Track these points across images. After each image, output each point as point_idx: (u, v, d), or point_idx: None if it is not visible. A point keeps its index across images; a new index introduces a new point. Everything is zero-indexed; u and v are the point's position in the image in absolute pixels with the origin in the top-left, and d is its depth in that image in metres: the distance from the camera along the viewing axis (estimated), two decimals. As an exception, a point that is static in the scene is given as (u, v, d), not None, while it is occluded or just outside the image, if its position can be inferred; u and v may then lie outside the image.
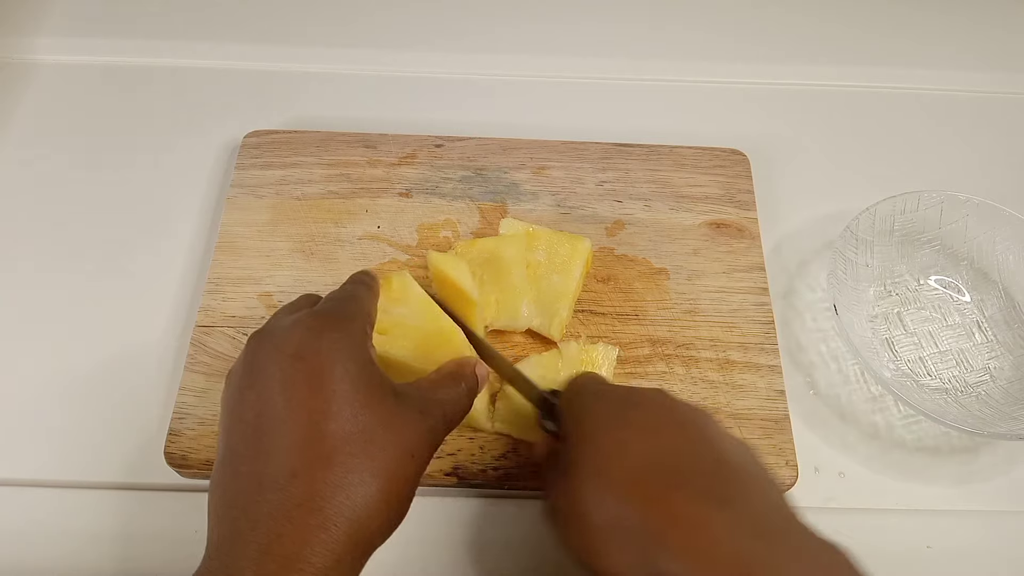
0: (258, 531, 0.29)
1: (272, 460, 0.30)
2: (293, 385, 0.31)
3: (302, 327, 0.33)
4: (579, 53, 0.67)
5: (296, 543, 0.29)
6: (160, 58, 0.65)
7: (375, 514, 0.31)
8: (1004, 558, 0.46)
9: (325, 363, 0.32)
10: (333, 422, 0.31)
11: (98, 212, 0.56)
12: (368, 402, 0.32)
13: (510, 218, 0.51)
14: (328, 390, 0.31)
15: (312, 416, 0.31)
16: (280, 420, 0.31)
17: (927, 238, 0.54)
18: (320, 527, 0.29)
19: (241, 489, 0.31)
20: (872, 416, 0.49)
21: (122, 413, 0.48)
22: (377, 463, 0.31)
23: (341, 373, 0.32)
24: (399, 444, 0.32)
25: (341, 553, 0.29)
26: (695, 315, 0.50)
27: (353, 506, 0.30)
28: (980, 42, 0.69)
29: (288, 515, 0.29)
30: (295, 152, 0.56)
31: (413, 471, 0.33)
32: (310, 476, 0.30)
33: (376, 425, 0.32)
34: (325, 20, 0.68)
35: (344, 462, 0.30)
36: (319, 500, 0.30)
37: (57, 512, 0.45)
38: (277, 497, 0.30)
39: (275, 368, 0.32)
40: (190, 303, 0.52)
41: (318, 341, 0.32)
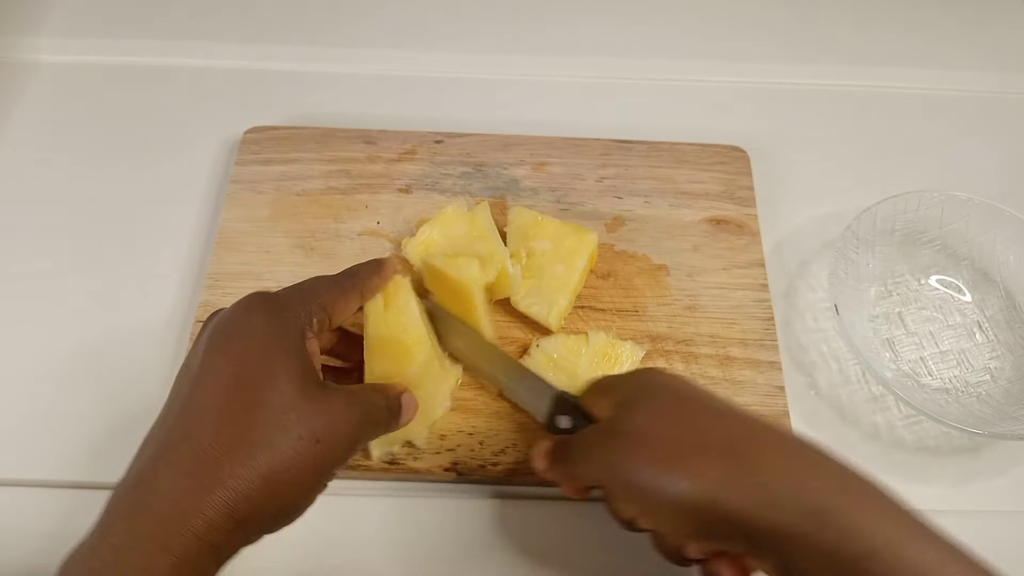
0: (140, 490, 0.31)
1: (177, 424, 0.32)
2: (215, 358, 0.33)
3: (239, 306, 0.35)
4: (580, 52, 0.67)
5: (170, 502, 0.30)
6: (160, 57, 0.65)
7: (260, 491, 0.31)
8: (1004, 558, 0.45)
9: (249, 340, 0.33)
10: (244, 394, 0.32)
11: (98, 209, 0.56)
12: (288, 383, 0.33)
13: (520, 206, 0.51)
14: (247, 366, 0.33)
15: (223, 386, 0.32)
16: (195, 388, 0.33)
17: (928, 238, 0.54)
18: (201, 489, 0.30)
19: (147, 449, 0.32)
20: (873, 416, 0.49)
21: (121, 408, 0.48)
22: (276, 440, 0.31)
23: (264, 354, 0.33)
24: (306, 426, 0.32)
25: (215, 520, 0.30)
26: (695, 311, 0.50)
27: (236, 476, 0.30)
28: (980, 42, 0.69)
29: (170, 477, 0.30)
30: (295, 148, 0.56)
31: (316, 457, 0.33)
32: (201, 440, 0.31)
33: (291, 406, 0.32)
34: (325, 19, 0.68)
35: (246, 436, 0.31)
36: (205, 464, 0.30)
37: (56, 512, 0.45)
38: (171, 458, 0.31)
39: (207, 343, 0.34)
40: (190, 298, 0.52)
41: (248, 318, 0.34)
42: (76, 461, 0.46)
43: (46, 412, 0.48)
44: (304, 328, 0.35)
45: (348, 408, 0.34)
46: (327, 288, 0.38)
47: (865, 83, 0.66)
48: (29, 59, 0.65)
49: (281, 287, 0.51)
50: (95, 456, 0.46)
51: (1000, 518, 0.46)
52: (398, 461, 0.44)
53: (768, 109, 0.64)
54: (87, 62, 0.65)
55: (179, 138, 0.60)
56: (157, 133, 0.60)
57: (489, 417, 0.46)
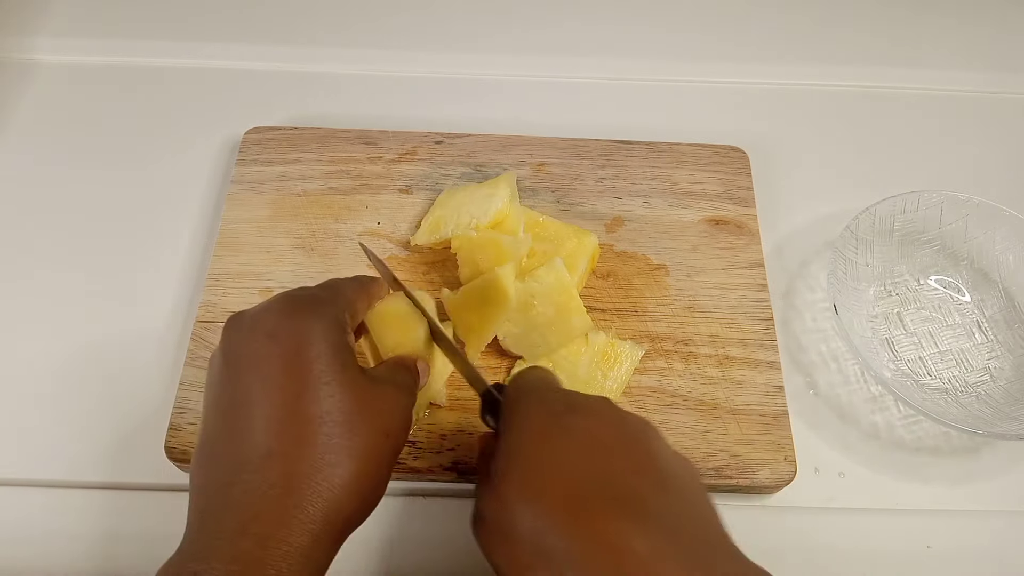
0: (234, 511, 0.29)
1: (248, 441, 0.31)
2: (267, 365, 0.32)
3: (275, 308, 0.33)
4: (580, 52, 0.67)
5: (271, 523, 0.29)
6: (160, 58, 0.65)
7: (351, 495, 0.31)
8: (1004, 558, 0.45)
9: (299, 343, 0.32)
10: (308, 402, 0.31)
11: (98, 209, 0.56)
12: (342, 382, 0.32)
13: (521, 205, 0.51)
14: (302, 370, 0.31)
15: (286, 396, 0.31)
16: (254, 401, 0.31)
17: (927, 238, 0.54)
18: (296, 507, 0.29)
19: (218, 470, 0.31)
20: (872, 416, 0.49)
21: (122, 408, 0.48)
22: (353, 444, 0.31)
23: (315, 354, 0.32)
24: (374, 424, 0.32)
25: (318, 533, 0.30)
26: (694, 311, 0.50)
27: (330, 486, 0.30)
28: (980, 42, 0.69)
29: (264, 495, 0.29)
30: (296, 148, 0.57)
31: (388, 451, 0.33)
32: (285, 456, 0.30)
33: (351, 406, 0.32)
34: (326, 20, 0.68)
35: (320, 442, 0.31)
36: (295, 480, 0.30)
37: (56, 511, 0.45)
38: (253, 477, 0.30)
39: (249, 349, 0.32)
40: (191, 298, 0.52)
41: (291, 321, 0.33)
42: (77, 461, 0.46)
43: (47, 412, 0.48)
44: (342, 324, 0.34)
45: (397, 395, 0.35)
46: (349, 286, 0.37)
47: (865, 83, 0.66)
48: (29, 59, 0.65)
49: (282, 287, 0.51)
50: (96, 456, 0.46)
51: (1000, 518, 0.46)
52: (398, 461, 0.44)
53: (768, 109, 0.64)
54: (87, 62, 0.65)
55: (179, 138, 0.60)
56: (157, 133, 0.61)
57: (489, 417, 0.46)
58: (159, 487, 0.45)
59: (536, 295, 0.46)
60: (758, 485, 0.45)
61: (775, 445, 0.45)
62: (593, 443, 0.31)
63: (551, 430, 0.32)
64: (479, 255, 0.47)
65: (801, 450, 0.46)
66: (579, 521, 0.28)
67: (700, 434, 0.46)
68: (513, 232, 0.49)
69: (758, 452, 0.45)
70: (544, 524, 0.28)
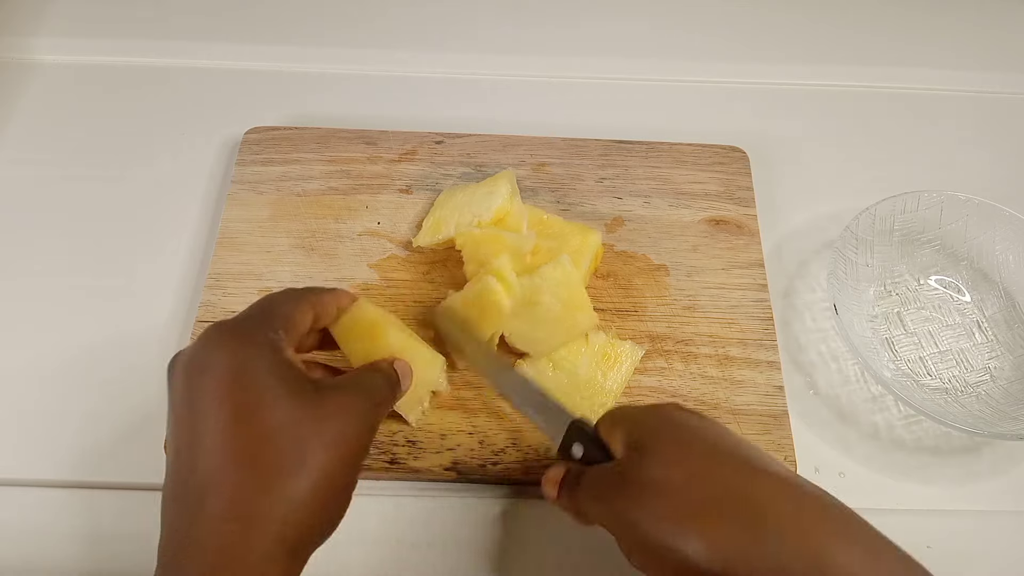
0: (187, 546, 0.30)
1: (201, 476, 0.30)
2: (202, 399, 0.31)
3: (204, 343, 0.33)
4: (580, 52, 0.67)
5: (219, 553, 0.29)
6: (160, 58, 0.65)
7: (302, 509, 0.31)
8: (1004, 558, 0.45)
9: (230, 372, 0.32)
10: (250, 426, 0.31)
11: (99, 209, 0.56)
12: (285, 398, 0.32)
13: (525, 203, 0.51)
14: (238, 397, 0.31)
15: (226, 426, 0.31)
16: (200, 436, 0.31)
17: (927, 238, 0.54)
18: (243, 531, 0.29)
19: (181, 510, 0.31)
20: (872, 416, 0.49)
21: (122, 408, 0.48)
22: (302, 458, 0.31)
23: (249, 379, 0.32)
24: (326, 434, 0.32)
25: (265, 551, 0.29)
26: (694, 311, 0.50)
27: (274, 504, 0.30)
28: (980, 42, 0.69)
29: (209, 528, 0.30)
30: (296, 148, 0.57)
31: (343, 461, 0.32)
32: (228, 484, 0.30)
33: (295, 419, 0.31)
34: (326, 20, 0.68)
35: (265, 461, 0.30)
36: (239, 506, 0.30)
37: (56, 511, 0.45)
38: (200, 511, 0.30)
39: (187, 389, 0.32)
40: (191, 298, 0.52)
41: (219, 352, 0.33)
42: (77, 461, 0.46)
43: (47, 412, 0.48)
44: (275, 342, 0.34)
45: (351, 400, 0.34)
46: (282, 301, 0.37)
47: (865, 83, 0.66)
48: (29, 59, 0.65)
49: (282, 287, 0.51)
50: (96, 456, 0.46)
51: (1000, 518, 0.46)
52: (398, 461, 0.44)
53: (768, 109, 0.64)
54: (87, 62, 0.65)
55: (179, 138, 0.60)
56: (157, 133, 0.61)
57: (489, 417, 0.46)
58: (159, 487, 0.45)
59: (542, 291, 0.46)
60: (758, 485, 0.45)
61: (775, 445, 0.45)
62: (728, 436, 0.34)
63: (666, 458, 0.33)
64: (483, 251, 0.47)
65: (801, 450, 0.46)
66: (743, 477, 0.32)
67: (700, 434, 0.46)
68: (516, 229, 0.49)
69: (758, 452, 0.45)
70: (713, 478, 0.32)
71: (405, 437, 0.45)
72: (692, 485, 0.31)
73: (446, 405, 0.46)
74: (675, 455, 0.33)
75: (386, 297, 0.50)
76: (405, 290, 0.50)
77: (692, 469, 0.32)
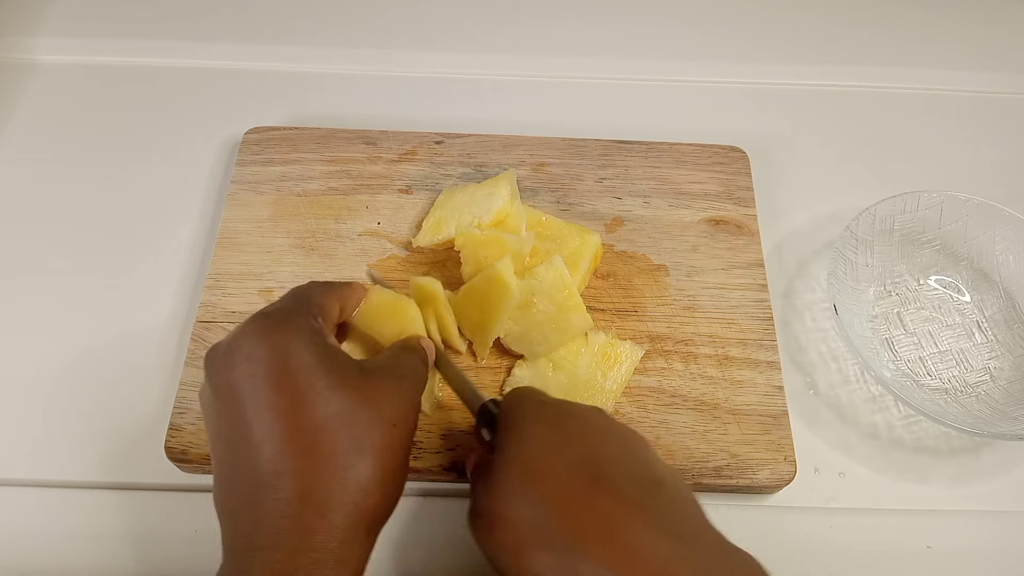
0: (261, 531, 0.30)
1: (257, 466, 0.31)
2: (254, 389, 0.32)
3: (247, 332, 0.33)
4: (580, 52, 0.67)
5: (297, 536, 0.30)
6: (160, 58, 0.65)
7: (371, 493, 0.31)
8: (1004, 558, 0.45)
9: (279, 360, 0.32)
10: (304, 414, 0.31)
11: (99, 209, 0.56)
12: (335, 385, 0.32)
13: (524, 204, 0.52)
14: (290, 385, 0.32)
15: (280, 414, 0.31)
16: (252, 426, 0.31)
17: (927, 238, 0.54)
18: (318, 516, 0.30)
19: (238, 494, 0.31)
20: (872, 416, 0.49)
21: (122, 408, 0.48)
22: (361, 442, 0.31)
23: (297, 366, 0.32)
24: (379, 417, 0.32)
25: (345, 536, 0.30)
26: (694, 311, 0.50)
27: (347, 489, 0.31)
28: (980, 42, 0.69)
29: (284, 512, 0.30)
30: (296, 148, 0.57)
31: (399, 441, 0.33)
32: (296, 472, 0.30)
33: (350, 405, 0.32)
34: (326, 20, 0.68)
35: (327, 449, 0.31)
36: (312, 492, 0.30)
37: (55, 511, 0.45)
38: (271, 496, 0.30)
39: (233, 379, 0.32)
40: (191, 298, 0.52)
41: (265, 340, 0.33)
42: (77, 461, 0.46)
43: (47, 412, 0.48)
44: (318, 329, 0.35)
45: (398, 382, 0.35)
46: (315, 290, 0.37)
47: (865, 83, 0.66)
48: (29, 59, 0.65)
49: (282, 287, 0.51)
50: (96, 456, 0.46)
51: (1000, 518, 0.46)
52: (398, 461, 0.44)
53: (767, 109, 0.64)
54: (87, 62, 0.65)
55: (179, 138, 0.60)
56: (157, 133, 0.61)
57: (489, 417, 0.46)
58: (159, 487, 0.45)
59: (536, 293, 0.46)
60: (758, 485, 0.45)
61: (775, 445, 0.45)
62: (585, 440, 0.33)
63: (547, 429, 0.34)
64: (482, 253, 0.47)
65: (801, 450, 0.46)
66: (576, 502, 0.30)
67: (700, 434, 0.46)
68: (515, 230, 0.49)
69: (758, 452, 0.45)
70: (543, 508, 0.30)
71: (405, 437, 0.45)
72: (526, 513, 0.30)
73: (446, 405, 0.46)
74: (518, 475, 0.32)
75: (386, 297, 0.50)
76: (405, 290, 0.50)
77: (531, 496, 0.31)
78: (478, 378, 0.47)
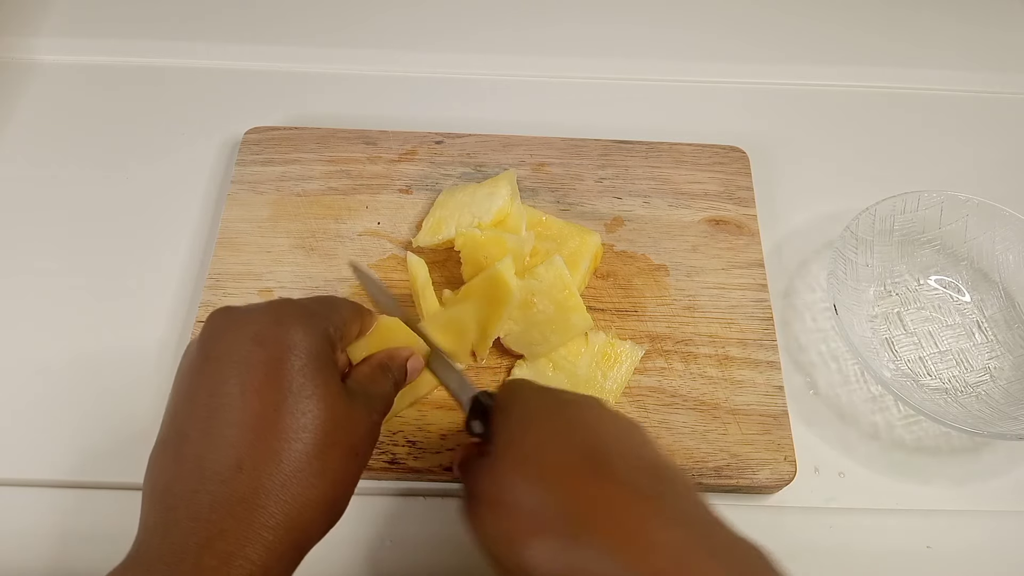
0: (198, 524, 0.28)
1: (219, 448, 0.30)
2: (249, 370, 0.31)
3: (265, 312, 0.33)
4: (580, 52, 0.67)
5: (237, 540, 0.28)
6: (161, 58, 0.65)
7: (317, 513, 0.31)
8: (1004, 558, 0.45)
9: (284, 352, 0.31)
10: (284, 415, 0.30)
11: (99, 209, 0.56)
12: (321, 397, 0.31)
13: (524, 204, 0.52)
14: (283, 381, 0.31)
15: (263, 407, 0.30)
16: (231, 405, 0.30)
17: (927, 238, 0.54)
18: (263, 526, 0.29)
19: (182, 474, 0.30)
20: (872, 416, 0.49)
21: (122, 408, 0.48)
22: (324, 463, 0.31)
23: (299, 366, 0.31)
24: (346, 443, 0.32)
25: (282, 551, 0.29)
26: (694, 311, 0.50)
27: (297, 505, 0.30)
28: (980, 42, 0.69)
29: (230, 510, 0.29)
30: (295, 148, 0.57)
31: (356, 469, 0.33)
32: (255, 470, 0.29)
33: (326, 424, 0.31)
34: (326, 19, 0.68)
35: (292, 458, 0.30)
36: (263, 496, 0.29)
37: (55, 511, 0.45)
38: (221, 489, 0.29)
39: (232, 349, 0.31)
40: (191, 298, 0.52)
41: (279, 328, 0.32)
42: (77, 461, 0.46)
43: (47, 412, 0.48)
44: (333, 341, 0.34)
45: (367, 411, 0.34)
46: (346, 306, 0.37)
47: (865, 83, 0.66)
48: (29, 59, 0.65)
49: (282, 287, 0.51)
50: (96, 456, 0.46)
51: (1000, 518, 0.46)
52: (398, 461, 0.44)
53: (768, 109, 0.64)
54: (87, 62, 0.65)
55: (179, 138, 0.60)
56: (157, 133, 0.61)
57: (489, 417, 0.46)
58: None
59: (536, 292, 0.46)
60: (758, 485, 0.45)
61: (775, 445, 0.45)
62: (585, 426, 0.32)
63: (546, 416, 0.32)
64: (482, 253, 0.47)
65: (801, 450, 0.46)
66: (578, 486, 0.29)
67: (700, 434, 0.46)
68: (515, 230, 0.49)
69: (758, 452, 0.45)
70: (545, 493, 0.29)
71: (405, 437, 0.45)
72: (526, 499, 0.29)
73: (446, 405, 0.46)
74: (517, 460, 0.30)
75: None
76: (405, 290, 0.50)
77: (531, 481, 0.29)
78: (478, 378, 0.47)
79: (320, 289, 0.50)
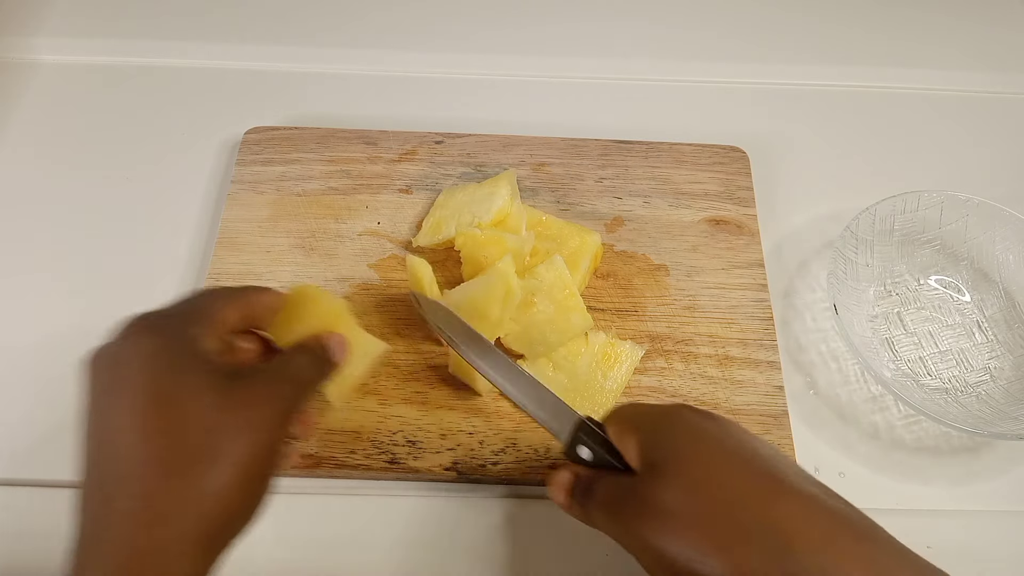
0: (115, 544, 0.29)
1: (112, 468, 0.30)
2: (115, 398, 0.31)
3: (118, 335, 0.33)
4: (580, 52, 0.67)
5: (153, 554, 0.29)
6: (160, 58, 0.65)
7: (232, 506, 0.30)
8: (1004, 558, 0.45)
9: (140, 363, 0.31)
10: (160, 418, 0.30)
11: (99, 209, 0.56)
12: (194, 390, 0.31)
13: (524, 204, 0.52)
14: (148, 389, 0.31)
15: (137, 418, 0.30)
16: (111, 429, 0.31)
17: (927, 238, 0.54)
18: (173, 539, 0.29)
19: (97, 499, 0.31)
20: (872, 416, 0.49)
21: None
22: (216, 449, 0.30)
23: (158, 370, 0.31)
24: (243, 424, 0.31)
25: (196, 554, 0.30)
26: (694, 311, 0.50)
27: (206, 507, 0.30)
28: (980, 42, 0.69)
29: (137, 531, 0.29)
30: (295, 148, 0.57)
31: (264, 448, 0.32)
32: (146, 476, 0.30)
33: (211, 414, 0.31)
34: (325, 19, 0.68)
35: (180, 456, 0.30)
36: (157, 502, 0.29)
37: (55, 512, 0.45)
38: (128, 509, 0.30)
39: (99, 380, 0.32)
40: (189, 298, 0.52)
41: (130, 344, 0.32)
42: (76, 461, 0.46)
43: (47, 412, 0.48)
44: (192, 335, 0.33)
45: (272, 386, 0.33)
46: (204, 295, 0.36)
47: (865, 83, 0.66)
48: (29, 59, 0.65)
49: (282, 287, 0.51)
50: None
51: (1000, 518, 0.46)
52: (398, 461, 0.44)
53: (768, 109, 0.64)
54: (87, 62, 0.65)
55: (179, 138, 0.60)
56: (157, 133, 0.61)
57: (489, 417, 0.46)
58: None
59: (536, 292, 0.46)
60: (758, 485, 0.45)
61: (775, 445, 0.45)
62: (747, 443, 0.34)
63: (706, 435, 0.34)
64: (482, 253, 0.47)
65: (801, 450, 0.46)
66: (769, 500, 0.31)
67: (700, 434, 0.46)
68: (515, 230, 0.49)
69: (758, 452, 0.45)
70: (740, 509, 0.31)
71: (405, 437, 0.45)
72: (716, 511, 0.31)
73: (446, 405, 0.46)
74: (696, 476, 0.32)
75: (386, 297, 0.50)
76: (405, 290, 0.50)
77: (715, 493, 0.31)
78: (478, 378, 0.47)
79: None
